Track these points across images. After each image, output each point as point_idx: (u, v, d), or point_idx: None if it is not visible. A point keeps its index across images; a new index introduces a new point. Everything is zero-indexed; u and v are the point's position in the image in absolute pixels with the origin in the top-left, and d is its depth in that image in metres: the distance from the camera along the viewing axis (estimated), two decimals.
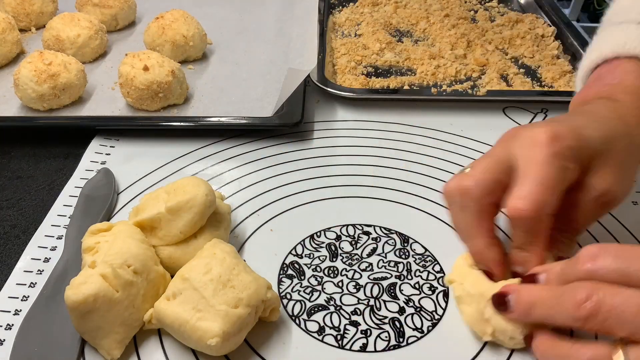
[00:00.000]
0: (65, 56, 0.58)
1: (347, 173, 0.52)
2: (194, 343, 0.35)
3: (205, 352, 0.35)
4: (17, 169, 0.53)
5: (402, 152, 0.54)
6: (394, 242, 0.44)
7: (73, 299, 0.34)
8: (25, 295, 0.40)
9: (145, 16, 0.79)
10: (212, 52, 0.71)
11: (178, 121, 0.56)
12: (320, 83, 0.60)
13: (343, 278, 0.41)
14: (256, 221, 0.46)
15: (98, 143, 0.55)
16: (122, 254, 0.36)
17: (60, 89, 0.56)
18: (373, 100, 0.61)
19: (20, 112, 0.58)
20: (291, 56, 0.68)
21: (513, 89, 0.63)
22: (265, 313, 0.37)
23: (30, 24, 0.73)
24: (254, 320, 0.36)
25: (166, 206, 0.39)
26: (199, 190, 0.40)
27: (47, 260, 0.42)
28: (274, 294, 0.37)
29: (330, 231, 0.45)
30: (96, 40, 0.66)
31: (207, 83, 0.64)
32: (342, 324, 0.38)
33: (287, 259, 0.43)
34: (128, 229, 0.39)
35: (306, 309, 0.39)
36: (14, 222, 0.47)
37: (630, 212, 0.47)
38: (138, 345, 0.37)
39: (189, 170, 0.52)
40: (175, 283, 0.36)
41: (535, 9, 0.80)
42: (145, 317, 0.36)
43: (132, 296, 0.36)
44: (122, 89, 0.57)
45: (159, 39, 0.65)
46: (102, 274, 0.35)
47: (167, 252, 0.40)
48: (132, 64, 0.56)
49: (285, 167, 0.52)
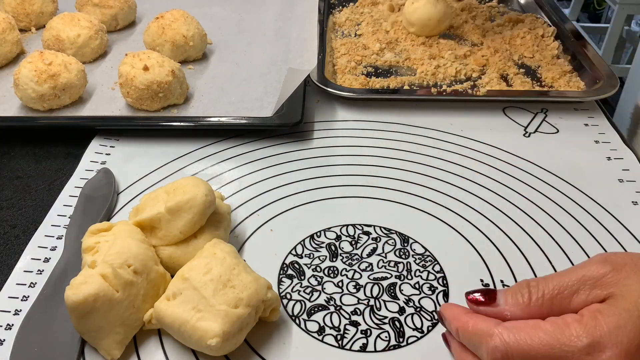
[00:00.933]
0: (65, 56, 0.58)
1: (347, 173, 0.52)
2: (194, 343, 0.35)
3: (205, 352, 0.35)
4: (17, 169, 0.53)
5: (402, 152, 0.54)
6: (394, 242, 0.44)
7: (73, 299, 0.34)
8: (25, 295, 0.40)
9: (145, 16, 0.79)
10: (212, 52, 0.71)
11: (178, 121, 0.56)
12: (320, 83, 0.60)
13: (343, 278, 0.41)
14: (256, 221, 0.46)
15: (98, 143, 0.55)
16: (122, 253, 0.36)
17: (61, 89, 0.56)
18: (373, 100, 0.61)
19: (20, 112, 0.58)
20: (291, 56, 0.68)
21: (513, 89, 0.63)
22: (265, 313, 0.37)
23: (30, 24, 0.73)
24: (254, 320, 0.36)
25: (166, 206, 0.39)
26: (198, 191, 0.40)
27: (47, 260, 0.42)
28: (274, 294, 0.37)
29: (330, 231, 0.45)
30: (96, 40, 0.66)
31: (207, 83, 0.64)
32: (342, 324, 0.38)
33: (287, 259, 0.43)
34: (128, 229, 0.39)
35: (306, 309, 0.39)
36: (14, 222, 0.47)
37: (631, 213, 0.47)
38: (138, 345, 0.37)
39: (189, 170, 0.52)
40: (175, 283, 0.36)
41: (535, 9, 0.80)
42: (145, 317, 0.36)
43: (132, 296, 0.36)
44: (122, 89, 0.57)
45: (158, 39, 0.65)
46: (102, 274, 0.35)
47: (167, 252, 0.40)
48: (132, 63, 0.56)
49: (285, 167, 0.52)
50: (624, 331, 0.28)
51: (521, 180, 0.51)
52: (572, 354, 0.28)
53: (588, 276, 0.31)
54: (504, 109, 0.61)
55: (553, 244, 0.44)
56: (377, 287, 0.41)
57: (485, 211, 0.47)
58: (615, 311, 0.29)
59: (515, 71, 0.66)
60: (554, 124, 0.58)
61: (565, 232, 0.45)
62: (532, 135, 0.57)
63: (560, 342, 0.29)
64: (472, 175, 0.51)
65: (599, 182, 0.50)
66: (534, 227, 0.46)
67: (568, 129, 0.58)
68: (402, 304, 0.40)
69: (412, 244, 0.44)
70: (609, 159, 0.53)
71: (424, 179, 0.51)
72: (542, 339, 0.29)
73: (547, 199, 0.49)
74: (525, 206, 0.48)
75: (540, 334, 0.29)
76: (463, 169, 0.52)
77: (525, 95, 0.61)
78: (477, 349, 0.31)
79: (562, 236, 0.45)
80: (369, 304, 0.40)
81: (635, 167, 0.52)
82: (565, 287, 0.31)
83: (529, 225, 0.46)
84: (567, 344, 0.29)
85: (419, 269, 0.42)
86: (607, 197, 0.49)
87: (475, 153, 0.54)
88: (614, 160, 0.53)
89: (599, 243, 0.44)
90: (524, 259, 0.43)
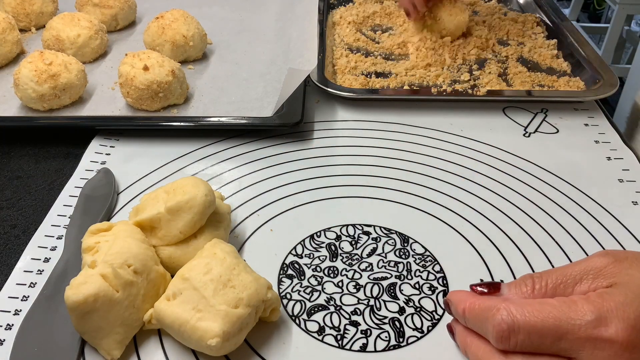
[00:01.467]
0: (65, 56, 0.58)
1: (347, 173, 0.52)
2: (194, 343, 0.35)
3: (205, 352, 0.35)
4: (17, 169, 0.53)
5: (402, 152, 0.54)
6: (394, 242, 0.44)
7: (73, 299, 0.34)
8: (25, 295, 0.40)
9: (146, 16, 0.79)
10: (212, 52, 0.71)
11: (178, 121, 0.56)
12: (320, 83, 0.60)
13: (343, 278, 0.41)
14: (256, 221, 0.46)
15: (98, 143, 0.55)
16: (122, 253, 0.36)
17: (61, 89, 0.56)
18: (373, 100, 0.61)
19: (20, 112, 0.58)
20: (291, 56, 0.68)
21: (513, 89, 0.63)
22: (265, 313, 0.37)
23: (30, 24, 0.73)
24: (254, 320, 0.36)
25: (166, 206, 0.39)
26: (198, 191, 0.40)
27: (47, 260, 0.42)
28: (275, 294, 0.37)
29: (330, 231, 0.45)
30: (96, 40, 0.66)
31: (207, 83, 0.64)
32: (342, 324, 0.38)
33: (287, 259, 0.43)
34: (128, 229, 0.39)
35: (306, 309, 0.39)
36: (14, 222, 0.47)
37: (631, 213, 0.47)
38: (138, 345, 0.37)
39: (189, 170, 0.52)
40: (175, 283, 0.36)
41: (534, 9, 0.80)
42: (145, 318, 0.36)
43: (132, 296, 0.36)
44: (122, 89, 0.57)
45: (158, 38, 0.65)
46: (102, 274, 0.35)
47: (167, 252, 0.40)
48: (132, 63, 0.56)
49: (285, 167, 0.52)
50: (631, 307, 0.29)
51: (521, 180, 0.51)
52: (578, 327, 0.29)
53: (591, 267, 0.31)
54: (504, 109, 0.61)
55: (553, 244, 0.44)
56: (377, 287, 0.41)
57: (485, 211, 0.47)
58: (622, 291, 0.29)
59: (515, 71, 0.66)
60: (554, 124, 0.58)
61: (565, 232, 0.45)
62: (532, 135, 0.57)
63: (567, 315, 0.29)
64: (472, 175, 0.51)
65: (599, 182, 0.50)
66: (534, 227, 0.46)
67: (568, 129, 0.58)
68: (402, 304, 0.40)
69: (412, 244, 0.44)
70: (609, 158, 0.53)
71: (424, 179, 0.51)
72: (549, 312, 0.29)
73: (547, 199, 0.49)
74: (525, 206, 0.48)
75: (547, 307, 0.30)
76: (463, 169, 0.52)
77: (525, 95, 0.61)
78: (483, 326, 0.32)
79: (562, 236, 0.45)
80: (369, 304, 0.40)
81: (635, 167, 0.52)
82: (568, 277, 0.32)
83: (529, 225, 0.46)
84: (573, 317, 0.29)
85: (419, 269, 0.42)
86: (607, 197, 0.49)
87: (475, 153, 0.54)
88: (614, 160, 0.53)
89: (598, 243, 0.44)
90: (524, 259, 0.43)
